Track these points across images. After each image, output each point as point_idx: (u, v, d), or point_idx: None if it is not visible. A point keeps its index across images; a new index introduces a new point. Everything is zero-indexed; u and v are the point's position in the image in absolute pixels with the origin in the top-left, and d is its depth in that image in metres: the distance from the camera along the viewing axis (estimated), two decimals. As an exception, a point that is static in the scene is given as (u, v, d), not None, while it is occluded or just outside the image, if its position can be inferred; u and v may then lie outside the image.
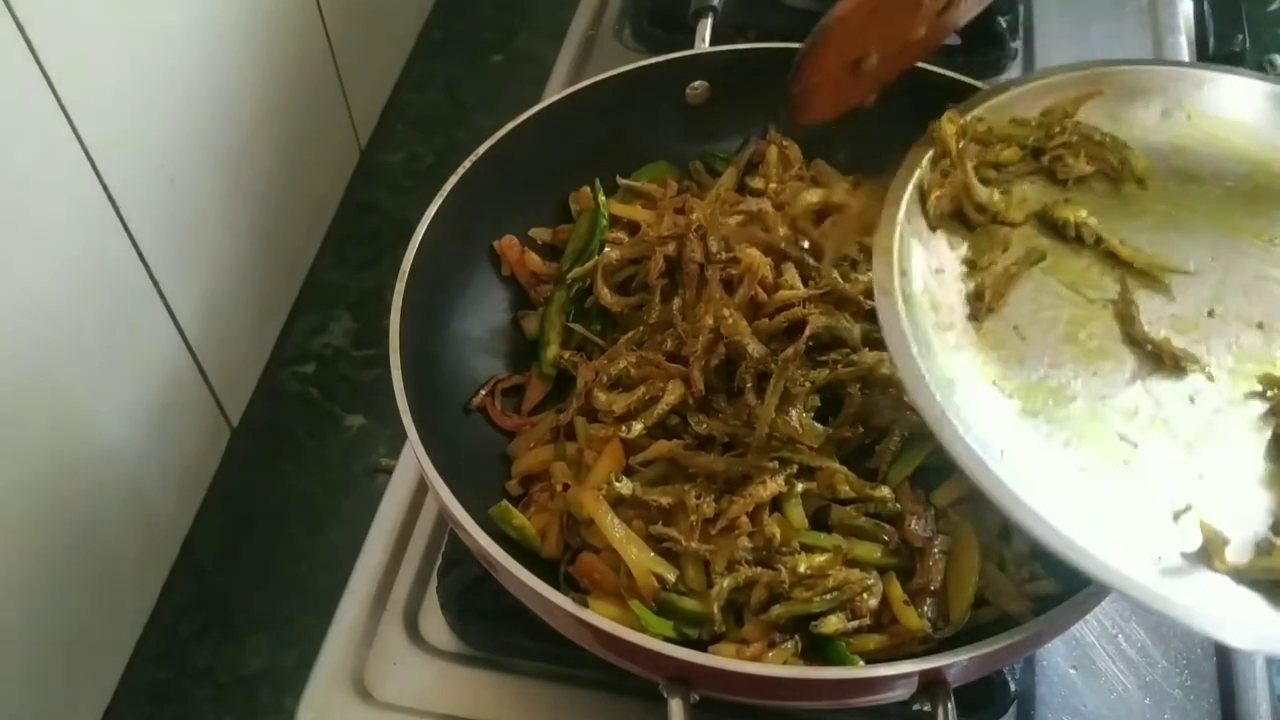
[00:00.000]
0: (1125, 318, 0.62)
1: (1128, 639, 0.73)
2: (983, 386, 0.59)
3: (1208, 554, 0.53)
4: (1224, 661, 0.72)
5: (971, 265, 0.65)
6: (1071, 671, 0.72)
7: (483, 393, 0.77)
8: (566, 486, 0.70)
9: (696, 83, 0.88)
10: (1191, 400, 0.60)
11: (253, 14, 1.07)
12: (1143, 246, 0.65)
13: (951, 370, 0.59)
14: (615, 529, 0.66)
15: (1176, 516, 0.55)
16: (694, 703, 0.59)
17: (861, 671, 0.61)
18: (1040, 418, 0.58)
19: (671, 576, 0.66)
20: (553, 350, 0.79)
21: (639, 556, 0.66)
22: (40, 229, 0.82)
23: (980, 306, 0.63)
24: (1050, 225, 0.67)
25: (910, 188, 0.66)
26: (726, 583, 0.65)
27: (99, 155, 0.87)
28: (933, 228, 0.66)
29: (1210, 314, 0.63)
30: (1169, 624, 0.73)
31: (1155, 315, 0.62)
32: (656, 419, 0.71)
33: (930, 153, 0.68)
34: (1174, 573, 0.53)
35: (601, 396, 0.73)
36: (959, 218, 0.67)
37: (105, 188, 0.89)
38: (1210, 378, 0.60)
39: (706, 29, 0.94)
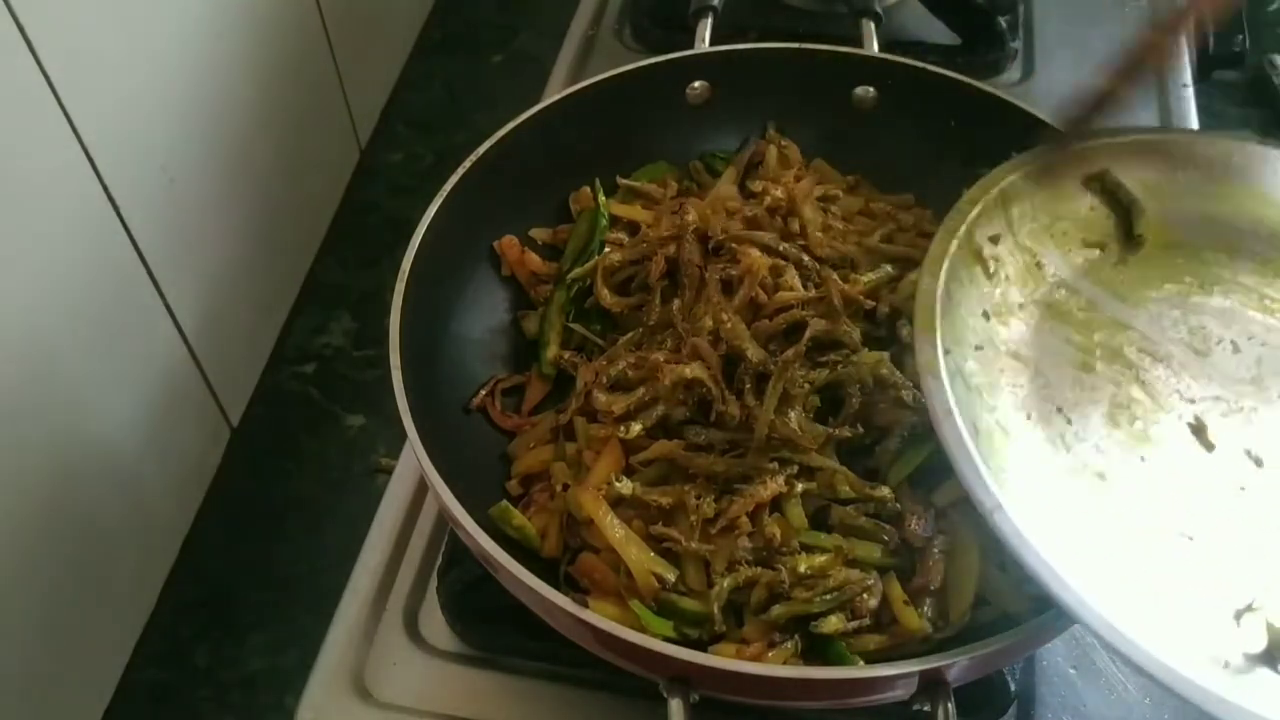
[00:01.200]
0: (1155, 395, 0.60)
1: (1128, 639, 0.73)
2: (1031, 471, 0.57)
3: (1272, 657, 0.51)
4: (1224, 661, 0.72)
5: (989, 316, 0.63)
6: (1071, 671, 0.72)
7: (483, 393, 0.77)
8: (566, 486, 0.70)
9: (696, 83, 0.88)
10: (1242, 489, 0.57)
11: (252, 14, 1.07)
12: (1167, 325, 0.64)
13: (1000, 455, 0.57)
14: (615, 529, 0.66)
15: (1238, 615, 0.52)
16: (694, 703, 0.59)
17: (861, 671, 0.61)
18: (1090, 506, 0.56)
19: (671, 576, 0.66)
20: (552, 350, 0.79)
21: (639, 556, 0.66)
22: (40, 229, 0.82)
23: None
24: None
25: (946, 263, 0.64)
26: (726, 582, 0.65)
27: (99, 155, 0.87)
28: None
29: (1253, 395, 0.60)
30: None
31: (1198, 394, 0.61)
32: (655, 420, 0.71)
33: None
34: (1241, 677, 0.50)
35: (601, 397, 0.73)
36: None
37: (105, 188, 0.89)
38: (1259, 463, 0.58)
39: (706, 29, 0.94)
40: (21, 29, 0.77)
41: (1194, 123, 1.03)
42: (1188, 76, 1.07)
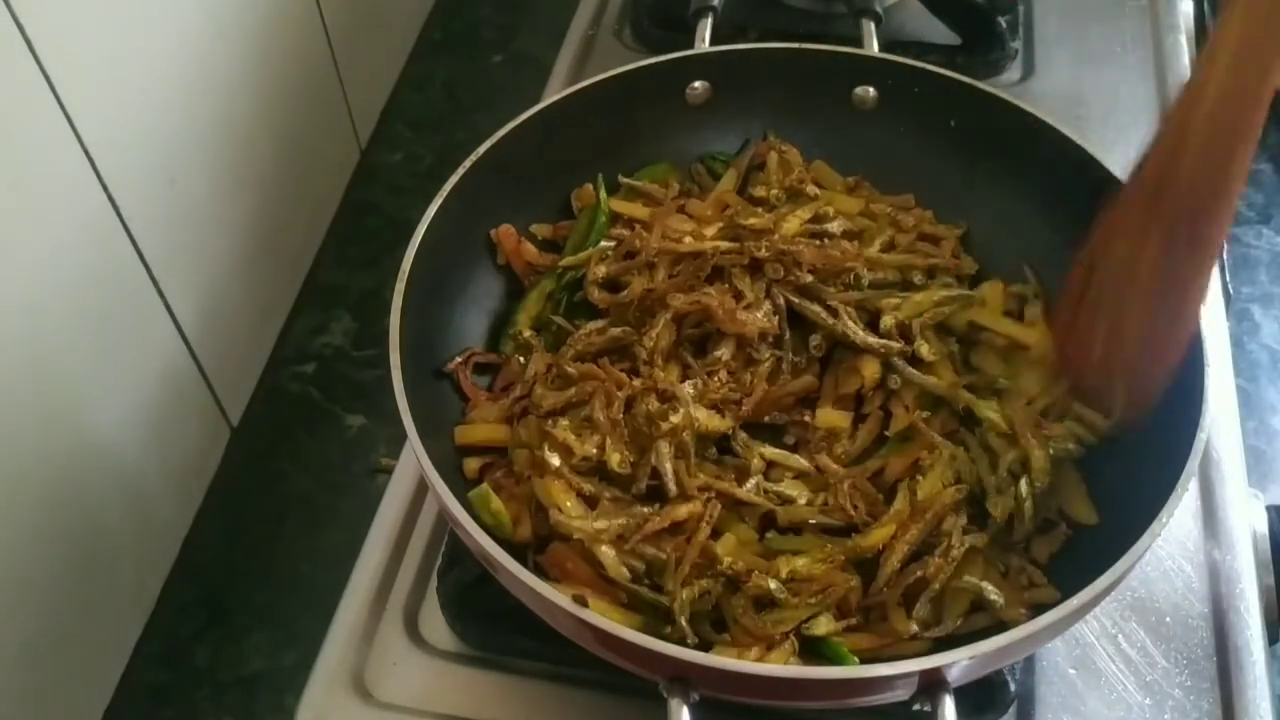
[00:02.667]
0: None
1: (1128, 639, 0.73)
2: None
3: None
4: (1224, 661, 0.72)
5: None
6: (1071, 671, 0.72)
7: (457, 359, 0.77)
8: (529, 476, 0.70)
9: (697, 83, 0.87)
10: None
11: (253, 14, 1.07)
12: None
13: None
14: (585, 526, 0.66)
15: None
16: (694, 702, 0.59)
17: (862, 671, 0.61)
18: None
19: (641, 565, 0.66)
20: (517, 328, 0.79)
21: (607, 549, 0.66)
22: (40, 229, 0.82)
23: None
24: None
25: None
26: (685, 594, 0.65)
27: (99, 155, 0.87)
28: None
29: None
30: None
31: None
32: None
33: None
34: None
35: (538, 390, 0.73)
36: None
37: (105, 188, 0.89)
38: None
39: (706, 29, 0.94)
40: (22, 29, 0.77)
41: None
42: (1188, 76, 1.07)
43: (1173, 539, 0.77)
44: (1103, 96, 1.05)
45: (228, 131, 1.06)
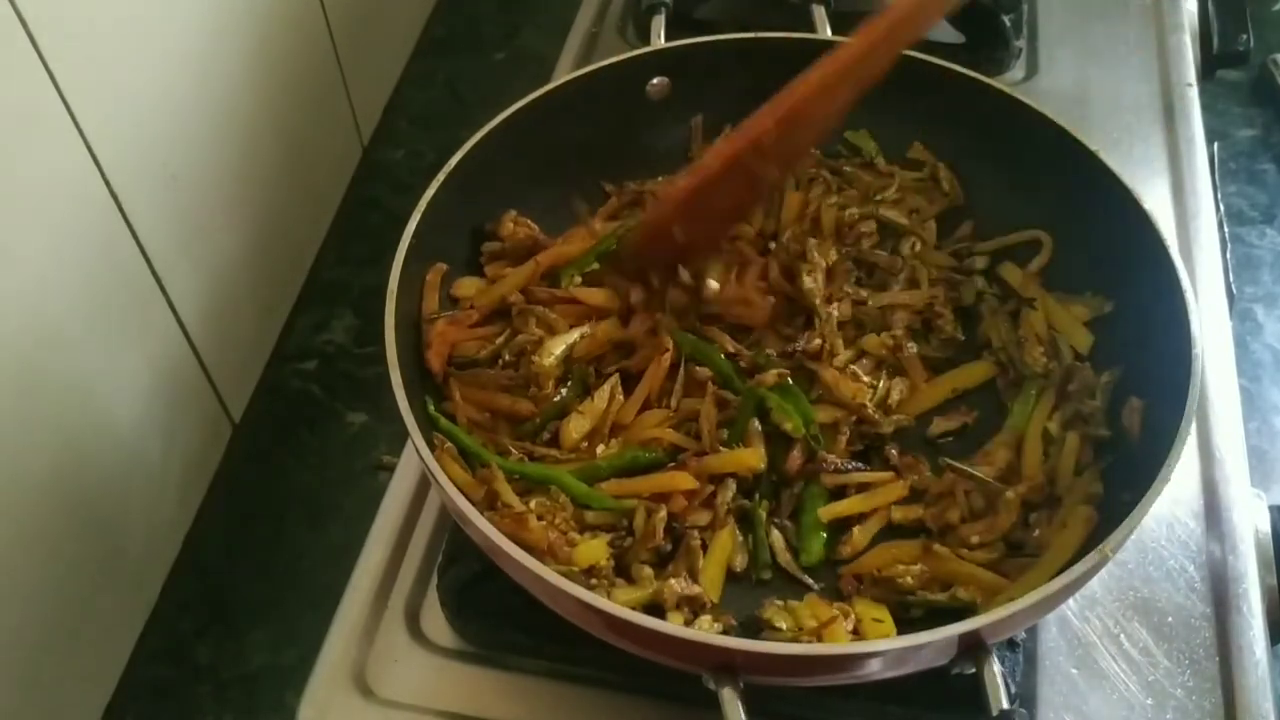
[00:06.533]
0: None
1: (1130, 639, 0.73)
2: None
3: None
4: (1227, 661, 0.72)
5: None
6: (1074, 671, 0.72)
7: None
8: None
9: (655, 79, 0.88)
10: None
11: (256, 11, 1.07)
12: None
13: None
14: None
15: None
16: (742, 689, 0.58)
17: (905, 640, 0.59)
18: None
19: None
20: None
21: None
22: (43, 225, 0.82)
23: None
24: None
25: None
26: None
27: (102, 151, 0.87)
28: None
29: None
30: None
31: None
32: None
33: None
34: None
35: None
36: None
37: (108, 183, 0.88)
38: None
39: (661, 25, 0.97)
40: (25, 25, 0.76)
41: (1198, 122, 1.03)
42: (1192, 76, 1.07)
43: (1175, 539, 0.77)
44: (1106, 95, 1.05)
45: (230, 127, 1.06)
